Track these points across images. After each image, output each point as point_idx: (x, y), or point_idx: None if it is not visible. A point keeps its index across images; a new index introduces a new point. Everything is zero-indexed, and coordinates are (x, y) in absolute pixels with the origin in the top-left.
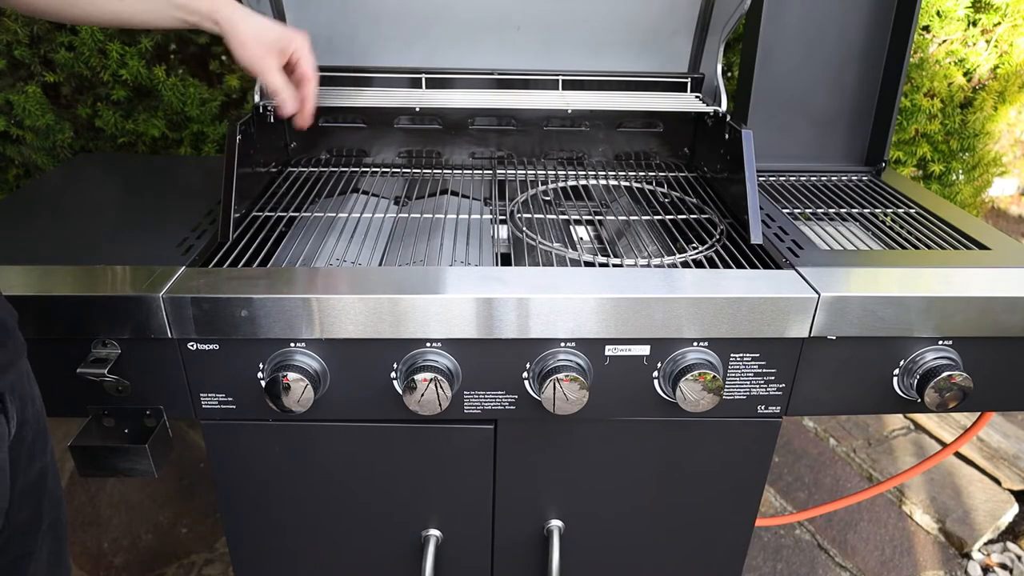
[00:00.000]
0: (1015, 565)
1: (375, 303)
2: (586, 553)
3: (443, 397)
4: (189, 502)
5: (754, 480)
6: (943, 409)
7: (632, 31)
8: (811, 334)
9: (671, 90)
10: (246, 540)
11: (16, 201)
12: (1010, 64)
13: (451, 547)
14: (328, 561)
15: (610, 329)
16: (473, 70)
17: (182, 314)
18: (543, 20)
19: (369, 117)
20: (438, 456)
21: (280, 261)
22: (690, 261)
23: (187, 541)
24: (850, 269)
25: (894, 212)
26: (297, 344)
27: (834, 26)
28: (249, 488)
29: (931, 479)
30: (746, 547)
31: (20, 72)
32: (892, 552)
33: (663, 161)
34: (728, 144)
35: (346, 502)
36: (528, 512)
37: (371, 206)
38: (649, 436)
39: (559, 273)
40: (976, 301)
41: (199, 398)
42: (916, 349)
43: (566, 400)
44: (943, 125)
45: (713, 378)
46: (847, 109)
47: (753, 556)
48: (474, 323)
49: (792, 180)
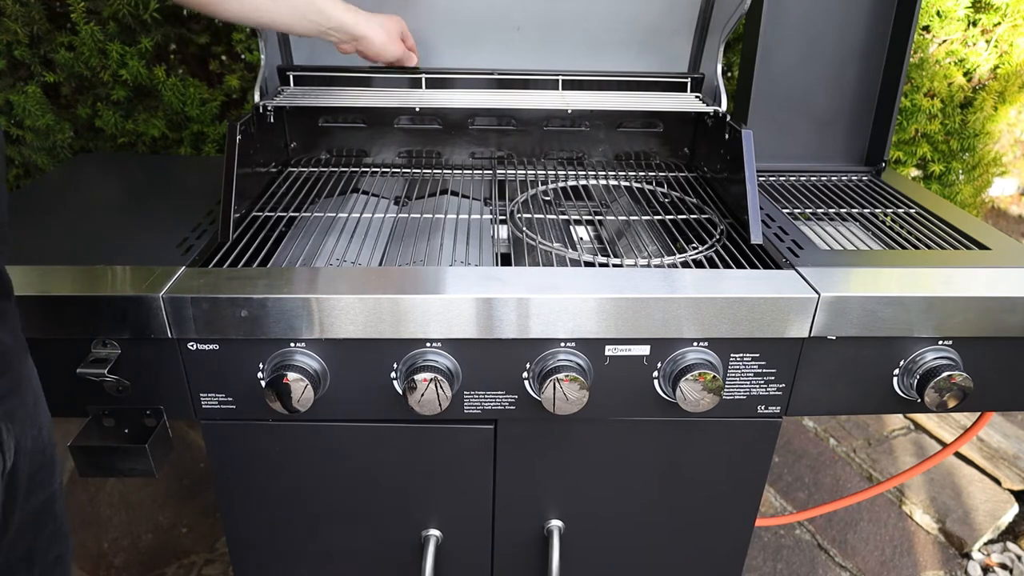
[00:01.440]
0: (1015, 565)
1: (375, 303)
2: (586, 553)
3: (443, 397)
4: (189, 502)
5: (754, 480)
6: (943, 409)
7: (632, 31)
8: (811, 334)
9: (671, 90)
10: (246, 540)
11: (16, 201)
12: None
13: (451, 547)
14: (328, 561)
15: (610, 329)
16: (473, 70)
17: (182, 314)
18: (543, 20)
19: (369, 117)
20: (438, 456)
21: (280, 261)
22: (690, 261)
23: (187, 541)
24: (850, 269)
25: (894, 212)
26: (297, 344)
27: (834, 26)
28: (249, 488)
29: (931, 479)
30: (746, 547)
31: (20, 72)
32: (892, 552)
33: (663, 161)
34: (728, 144)
35: (346, 502)
36: (528, 512)
37: (371, 206)
38: (649, 436)
39: (559, 273)
40: (976, 301)
41: (199, 398)
42: (916, 349)
43: (566, 400)
44: (943, 125)
45: (713, 378)
46: (847, 109)
47: (753, 556)
48: (474, 323)
49: (792, 180)
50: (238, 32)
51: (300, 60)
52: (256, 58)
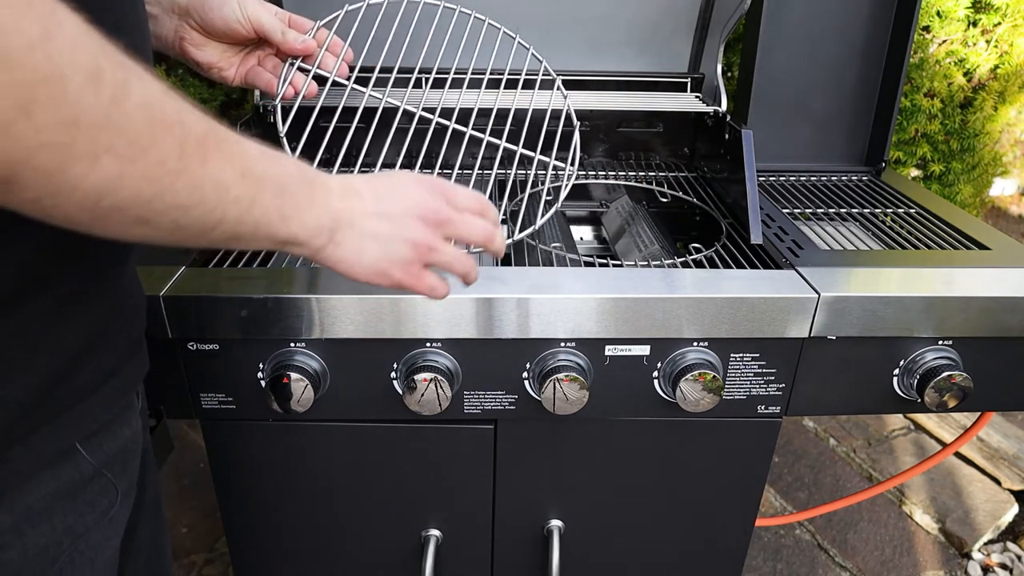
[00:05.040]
0: (1015, 565)
1: (375, 303)
2: (586, 553)
3: (443, 397)
4: (189, 502)
5: (754, 480)
6: (943, 409)
7: (632, 31)
8: (811, 334)
9: (671, 90)
10: (246, 540)
11: None
12: (1010, 64)
13: (451, 547)
14: (328, 561)
15: (610, 329)
16: (473, 70)
17: (182, 314)
18: (543, 20)
19: (369, 117)
20: (438, 456)
21: (280, 261)
22: (690, 261)
23: (187, 541)
24: (850, 269)
25: (894, 212)
26: (297, 344)
27: (834, 26)
28: (249, 488)
29: (931, 479)
30: (746, 547)
31: None
32: (892, 552)
33: (663, 161)
34: (728, 144)
35: (346, 502)
36: (528, 512)
37: None
38: (649, 436)
39: (559, 273)
40: (976, 301)
41: (199, 398)
42: (916, 349)
43: (566, 400)
44: (943, 125)
45: (713, 378)
46: (847, 109)
47: (753, 556)
48: (474, 323)
49: (792, 180)
50: None
51: None
52: None
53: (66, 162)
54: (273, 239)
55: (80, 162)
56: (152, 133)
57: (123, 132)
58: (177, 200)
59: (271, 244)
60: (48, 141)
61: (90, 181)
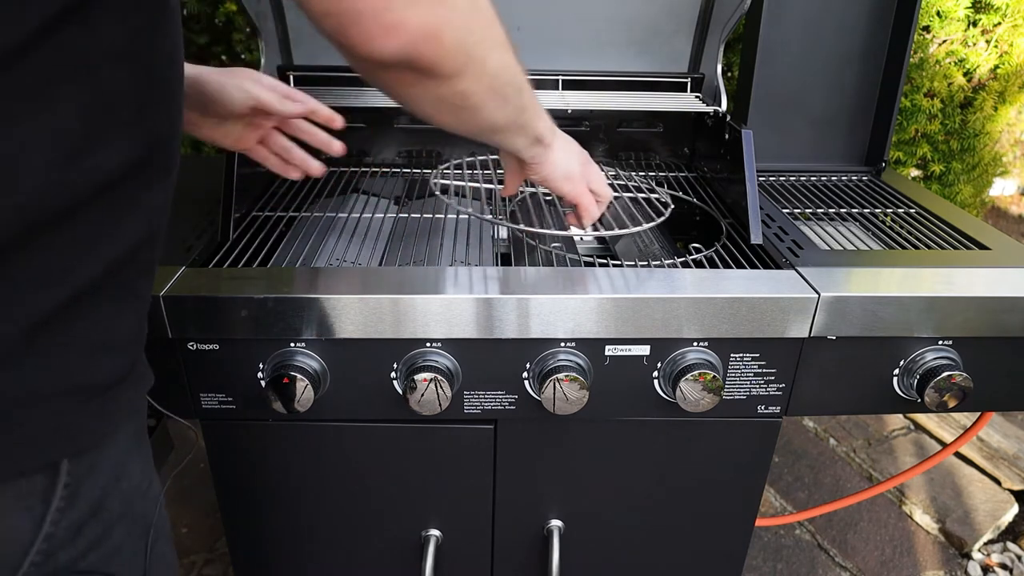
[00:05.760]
0: (1015, 565)
1: (375, 303)
2: (586, 553)
3: (443, 397)
4: (189, 502)
5: (754, 480)
6: (943, 409)
7: (632, 31)
8: (811, 334)
9: (671, 90)
10: (246, 540)
11: None
12: (1010, 64)
13: (451, 547)
14: (328, 561)
15: (610, 329)
16: None
17: (182, 314)
18: (543, 20)
19: (369, 117)
20: (438, 456)
21: (280, 261)
22: (690, 261)
23: (187, 541)
24: (850, 269)
25: (894, 212)
26: (297, 344)
27: (834, 26)
28: (249, 488)
29: (931, 479)
30: (746, 547)
31: None
32: (892, 552)
33: (663, 161)
34: (728, 144)
35: (346, 502)
36: (528, 512)
37: (371, 206)
38: (649, 436)
39: (559, 273)
40: (976, 301)
41: (199, 398)
42: (916, 349)
43: (566, 400)
44: (943, 125)
45: (713, 378)
46: (847, 109)
47: (753, 556)
48: (474, 323)
49: (792, 180)
50: (238, 32)
51: (300, 60)
52: (256, 58)
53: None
54: (534, 132)
55: (494, 53)
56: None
57: (507, 67)
58: (522, 101)
59: (529, 139)
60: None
61: (491, 64)
